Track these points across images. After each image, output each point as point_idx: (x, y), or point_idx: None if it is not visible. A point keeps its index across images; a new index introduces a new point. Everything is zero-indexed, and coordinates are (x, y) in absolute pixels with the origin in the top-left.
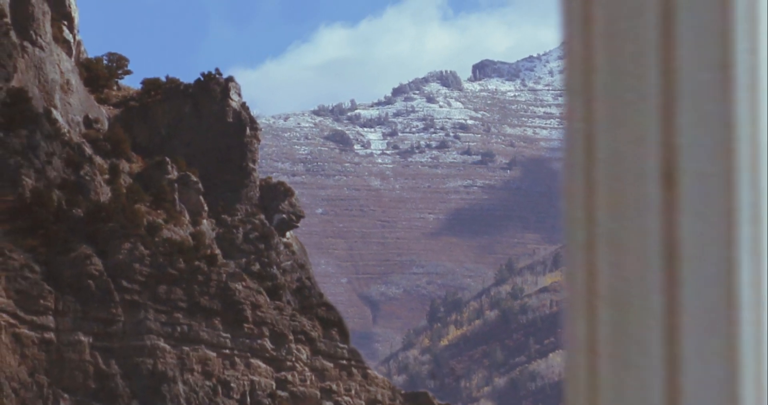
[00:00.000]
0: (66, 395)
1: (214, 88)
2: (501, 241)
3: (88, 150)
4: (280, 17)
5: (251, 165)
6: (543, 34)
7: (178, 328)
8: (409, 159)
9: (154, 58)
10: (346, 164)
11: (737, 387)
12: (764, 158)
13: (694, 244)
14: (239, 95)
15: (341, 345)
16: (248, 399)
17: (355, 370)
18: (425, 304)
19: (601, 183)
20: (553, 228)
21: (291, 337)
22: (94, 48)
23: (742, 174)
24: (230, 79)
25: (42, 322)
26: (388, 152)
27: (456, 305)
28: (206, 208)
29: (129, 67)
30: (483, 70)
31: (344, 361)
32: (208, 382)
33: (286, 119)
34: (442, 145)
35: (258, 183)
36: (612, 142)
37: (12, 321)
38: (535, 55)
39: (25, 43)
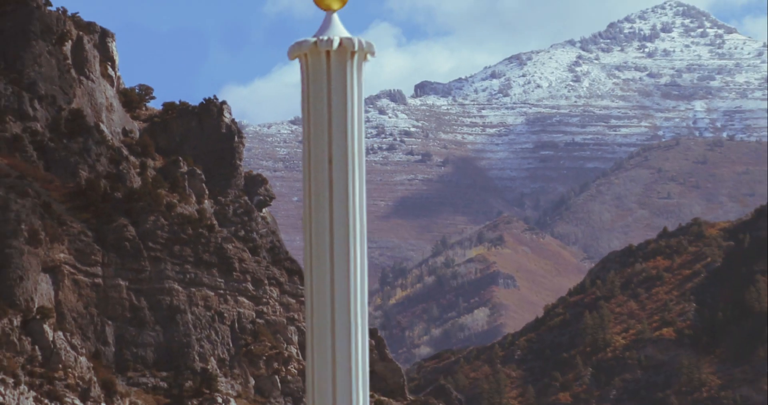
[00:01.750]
0: (110, 322)
1: (212, 109)
2: (437, 222)
3: (125, 152)
4: (266, 44)
5: (238, 162)
6: (477, 58)
7: (188, 275)
8: (366, 159)
9: (168, 78)
10: None
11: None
12: (355, 155)
13: (337, 184)
14: (230, 113)
15: (301, 287)
16: (236, 325)
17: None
18: (377, 271)
19: (312, 163)
20: (477, 212)
21: (266, 281)
22: (128, 79)
23: (350, 160)
24: (224, 102)
25: (93, 271)
26: None
27: (401, 272)
28: (207, 192)
29: (153, 94)
30: (423, 88)
31: (303, 298)
32: (208, 313)
33: (269, 127)
34: (391, 148)
35: (243, 174)
36: (315, 149)
37: (72, 270)
38: (463, 77)
39: (81, 78)
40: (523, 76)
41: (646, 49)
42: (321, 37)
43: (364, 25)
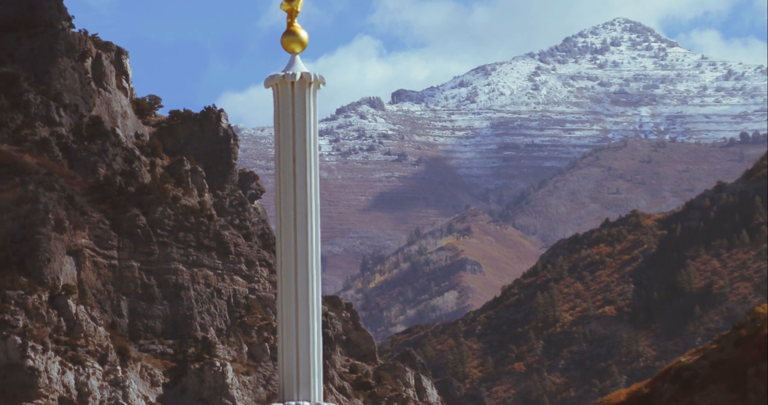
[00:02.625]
0: (124, 297)
1: (211, 116)
2: (411, 215)
3: (137, 152)
4: (260, 55)
5: (234, 161)
6: (450, 67)
7: (190, 258)
8: (348, 158)
9: (172, 85)
10: None
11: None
12: (312, 156)
13: (299, 176)
14: (226, 119)
15: None
16: (232, 300)
17: None
18: (359, 258)
19: (281, 161)
20: (447, 206)
21: (257, 262)
22: (139, 88)
23: (308, 160)
24: (221, 109)
25: (110, 254)
26: (333, 153)
27: (380, 259)
28: (207, 186)
29: (161, 103)
30: (399, 95)
31: None
32: (208, 289)
33: (262, 130)
34: (371, 149)
35: (238, 172)
36: (284, 152)
37: (92, 253)
38: (435, 85)
39: (100, 89)
40: (488, 84)
41: (598, 61)
42: (287, 72)
43: (348, 38)
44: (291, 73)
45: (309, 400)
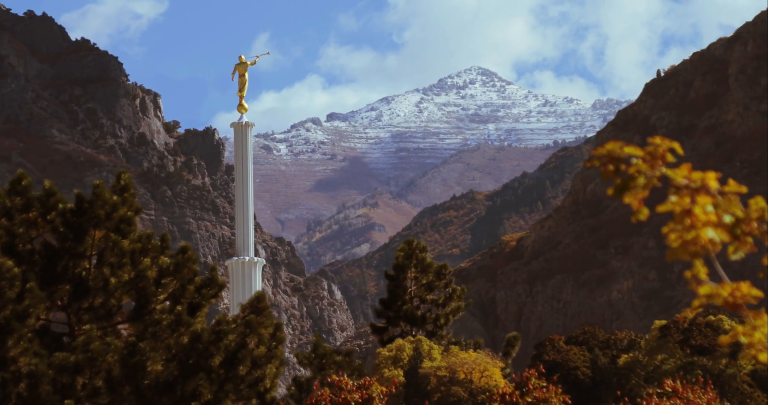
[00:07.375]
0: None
1: (209, 132)
2: (340, 194)
3: (166, 154)
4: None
5: (222, 159)
6: (370, 96)
7: (197, 215)
8: (298, 157)
9: (184, 107)
10: (269, 159)
11: None
12: (249, 163)
13: (246, 173)
14: (218, 134)
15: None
16: (221, 239)
17: (259, 231)
18: (305, 222)
19: (236, 165)
20: (363, 188)
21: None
22: (167, 115)
23: (249, 165)
24: (215, 128)
25: (149, 214)
26: (288, 155)
27: (319, 222)
28: (207, 173)
29: (180, 124)
30: (331, 116)
31: (256, 229)
32: (207, 233)
33: None
34: (313, 151)
35: (225, 164)
36: (237, 159)
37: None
38: (355, 110)
39: (144, 117)
40: (390, 109)
41: (460, 94)
42: (240, 121)
43: (302, 76)
44: (242, 121)
45: (248, 256)
